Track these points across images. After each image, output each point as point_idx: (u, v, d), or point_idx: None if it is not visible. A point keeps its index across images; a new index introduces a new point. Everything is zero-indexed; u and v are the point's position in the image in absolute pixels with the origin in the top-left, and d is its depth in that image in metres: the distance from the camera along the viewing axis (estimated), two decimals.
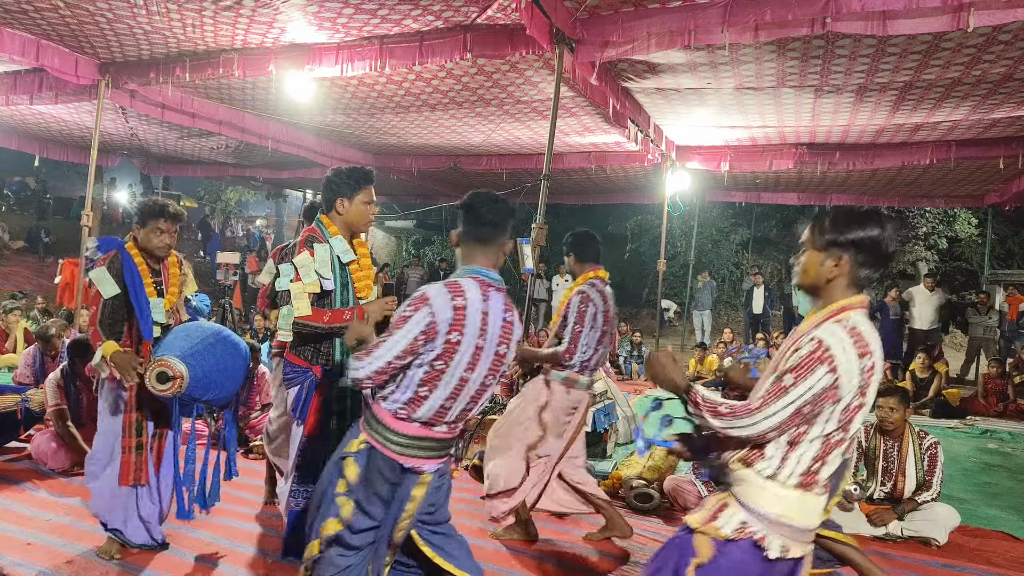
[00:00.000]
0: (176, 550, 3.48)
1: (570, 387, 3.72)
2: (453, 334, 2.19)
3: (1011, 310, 12.09)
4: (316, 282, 2.81)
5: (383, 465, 2.26)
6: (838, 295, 1.87)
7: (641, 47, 5.23)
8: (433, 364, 2.21)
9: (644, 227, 19.02)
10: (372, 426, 2.28)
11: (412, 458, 2.27)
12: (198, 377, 3.00)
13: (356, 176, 2.95)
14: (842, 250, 1.85)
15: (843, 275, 1.86)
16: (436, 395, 2.24)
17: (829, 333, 1.78)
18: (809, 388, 1.74)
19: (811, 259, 1.91)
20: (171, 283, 3.42)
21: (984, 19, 4.38)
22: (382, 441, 2.25)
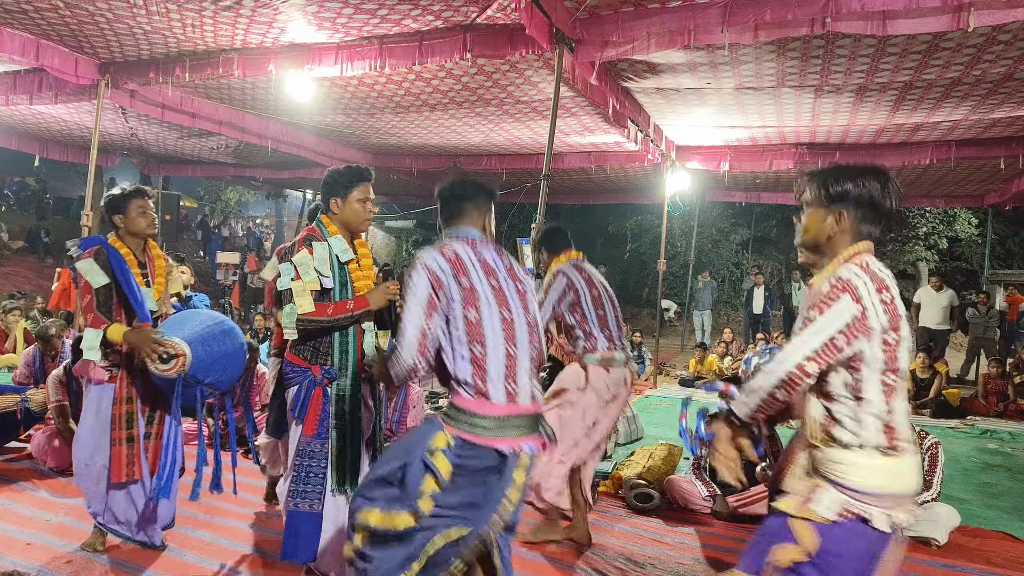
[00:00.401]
0: (176, 550, 3.48)
1: (608, 367, 3.70)
2: (462, 279, 2.21)
3: (1011, 310, 12.10)
4: (316, 280, 2.82)
5: (480, 454, 2.16)
6: (841, 249, 1.88)
7: (641, 47, 5.23)
8: (465, 315, 2.18)
9: (644, 227, 19.03)
10: (456, 418, 2.19)
11: (507, 439, 2.18)
12: (200, 358, 3.01)
13: (349, 175, 2.96)
14: (842, 205, 1.86)
15: (845, 231, 1.87)
16: (492, 346, 2.19)
17: (845, 270, 1.80)
18: (837, 315, 1.74)
19: (812, 216, 1.93)
20: (157, 273, 3.43)
21: (984, 19, 4.38)
22: (470, 430, 2.16)
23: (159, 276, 3.43)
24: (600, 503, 4.52)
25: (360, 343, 2.94)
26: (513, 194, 11.45)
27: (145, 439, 3.31)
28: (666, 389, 10.06)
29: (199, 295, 6.87)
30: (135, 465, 3.23)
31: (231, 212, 22.83)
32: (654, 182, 11.38)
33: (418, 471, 2.15)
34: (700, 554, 3.91)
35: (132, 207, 3.33)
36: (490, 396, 2.18)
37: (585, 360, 3.72)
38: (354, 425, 2.91)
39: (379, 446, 3.08)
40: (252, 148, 11.19)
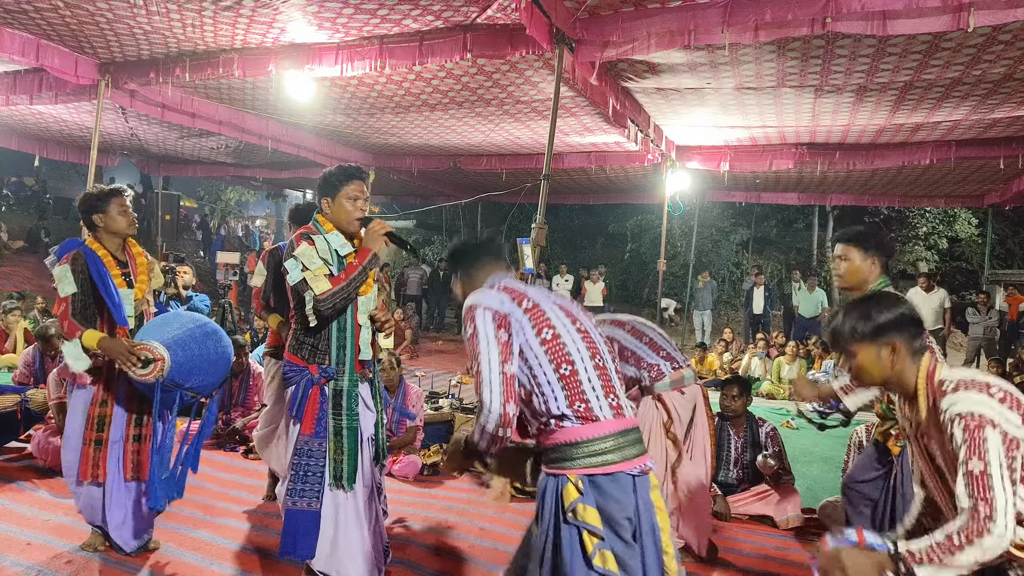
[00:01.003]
0: (176, 550, 3.48)
1: (681, 388, 3.52)
2: (524, 302, 2.07)
3: (1011, 310, 12.10)
4: (323, 266, 2.84)
5: (613, 486, 1.92)
6: (910, 370, 1.89)
7: (641, 47, 5.23)
8: (541, 337, 2.01)
9: (644, 227, 19.03)
10: (572, 457, 1.93)
11: (631, 460, 1.96)
12: (180, 362, 2.97)
13: (339, 173, 2.96)
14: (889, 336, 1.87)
15: (903, 356, 1.87)
16: (579, 360, 2.00)
17: (959, 403, 1.76)
18: (998, 454, 1.70)
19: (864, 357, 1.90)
20: (139, 273, 3.36)
21: (984, 19, 4.38)
22: (592, 463, 1.92)
23: (141, 274, 3.36)
24: None
25: (358, 340, 2.94)
26: (513, 194, 11.45)
27: (135, 441, 3.29)
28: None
29: (200, 295, 6.88)
30: (100, 468, 3.22)
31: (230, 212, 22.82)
32: (654, 182, 11.38)
33: (568, 541, 1.89)
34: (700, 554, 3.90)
35: (112, 206, 3.26)
36: (598, 415, 1.97)
37: (656, 390, 3.49)
38: (352, 423, 2.91)
39: (380, 445, 3.08)
40: (252, 148, 11.19)
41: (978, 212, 16.40)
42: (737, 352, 11.53)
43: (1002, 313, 12.06)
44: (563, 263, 15.90)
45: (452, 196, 14.71)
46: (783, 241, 20.81)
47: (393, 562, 3.29)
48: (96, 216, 3.26)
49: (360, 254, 2.88)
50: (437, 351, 13.00)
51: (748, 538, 4.24)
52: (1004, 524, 1.68)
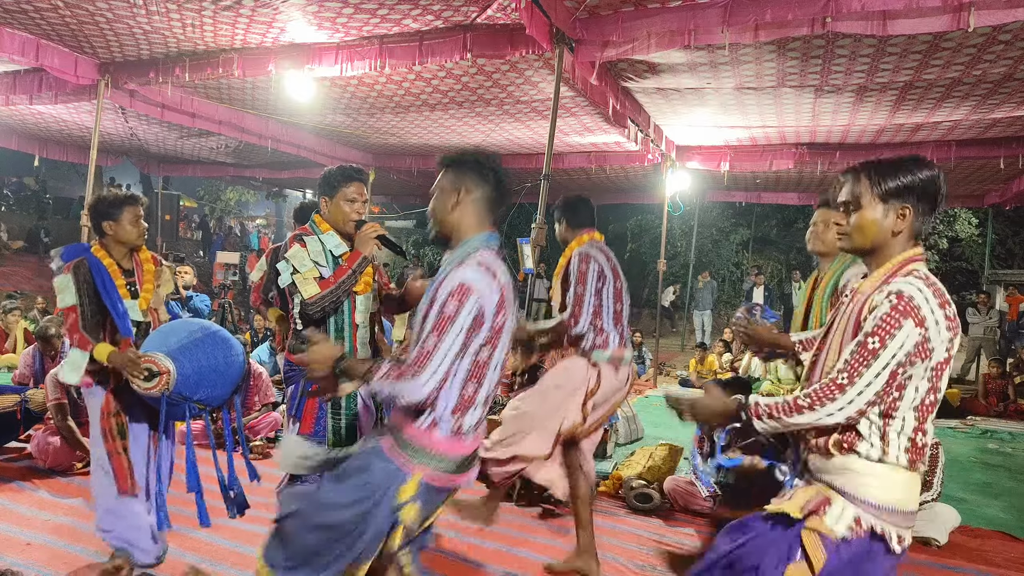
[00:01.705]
0: (177, 551, 3.48)
1: (618, 365, 3.47)
2: (500, 316, 1.99)
3: (1011, 310, 12.11)
4: (314, 268, 2.84)
5: (438, 495, 2.06)
6: (898, 249, 1.75)
7: (641, 47, 5.23)
8: (479, 353, 1.97)
9: (644, 227, 19.03)
10: (426, 461, 1.98)
11: (461, 475, 2.07)
12: (186, 374, 2.83)
13: (339, 174, 2.96)
14: (905, 199, 1.73)
15: (908, 226, 1.74)
16: (483, 390, 2.01)
17: (906, 284, 1.65)
18: (900, 346, 1.61)
19: (869, 215, 1.75)
20: (146, 280, 3.26)
21: (984, 19, 4.38)
22: (437, 471, 1.99)
23: (147, 283, 3.26)
24: (600, 503, 4.51)
25: (355, 340, 2.94)
26: (513, 194, 11.43)
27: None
28: (666, 389, 10.05)
29: (200, 295, 6.87)
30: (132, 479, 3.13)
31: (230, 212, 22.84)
32: (654, 182, 11.38)
33: (381, 528, 1.96)
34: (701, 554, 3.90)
35: (126, 215, 3.15)
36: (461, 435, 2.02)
37: (594, 357, 3.42)
38: (351, 423, 2.91)
39: None
40: (252, 148, 11.19)
41: (978, 212, 16.41)
42: (737, 352, 11.53)
43: (1002, 313, 12.07)
44: None
45: None
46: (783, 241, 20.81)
47: None
48: (107, 223, 3.15)
49: (351, 257, 2.87)
50: None
51: None
52: (849, 400, 1.62)
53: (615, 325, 3.46)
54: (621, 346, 3.49)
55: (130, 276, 3.22)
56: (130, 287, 3.19)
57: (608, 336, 3.43)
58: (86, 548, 3.47)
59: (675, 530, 4.20)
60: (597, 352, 3.42)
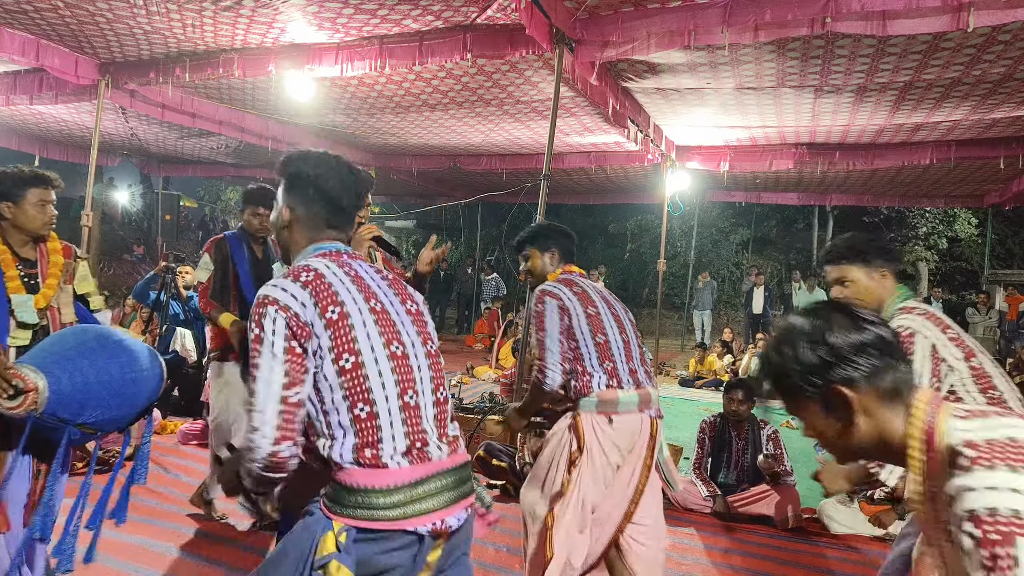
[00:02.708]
0: (172, 548, 3.48)
1: (611, 412, 2.70)
2: (330, 310, 1.58)
3: (1011, 310, 12.10)
4: None
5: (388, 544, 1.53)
6: (896, 426, 1.24)
7: (641, 47, 5.23)
8: (338, 361, 1.56)
9: (644, 227, 19.03)
10: (343, 503, 1.53)
11: (427, 515, 1.55)
12: (64, 391, 2.15)
13: None
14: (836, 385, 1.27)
15: (870, 407, 1.27)
16: (379, 395, 1.57)
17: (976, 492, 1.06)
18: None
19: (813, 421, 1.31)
20: (50, 273, 2.70)
21: (984, 19, 4.38)
22: (368, 514, 1.52)
23: (52, 278, 2.70)
24: None
25: None
26: (513, 194, 11.45)
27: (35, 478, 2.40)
28: (666, 389, 10.06)
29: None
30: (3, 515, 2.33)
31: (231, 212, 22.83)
32: (654, 182, 11.38)
33: None
34: (700, 554, 3.91)
35: (30, 197, 2.59)
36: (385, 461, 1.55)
37: (579, 407, 2.72)
38: None
39: None
40: (252, 148, 11.20)
41: (978, 212, 16.40)
42: (737, 352, 11.54)
43: (1002, 313, 12.07)
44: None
45: (452, 196, 14.72)
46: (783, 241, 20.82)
47: None
48: (4, 204, 2.58)
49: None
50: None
51: (748, 538, 4.24)
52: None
53: (601, 363, 2.76)
54: (614, 387, 2.73)
55: (30, 267, 2.67)
56: (27, 280, 2.63)
57: (591, 378, 2.73)
58: None
59: (675, 530, 4.19)
60: (581, 401, 2.73)
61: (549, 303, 2.80)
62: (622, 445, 2.71)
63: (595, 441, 2.68)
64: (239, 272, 3.65)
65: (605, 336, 2.81)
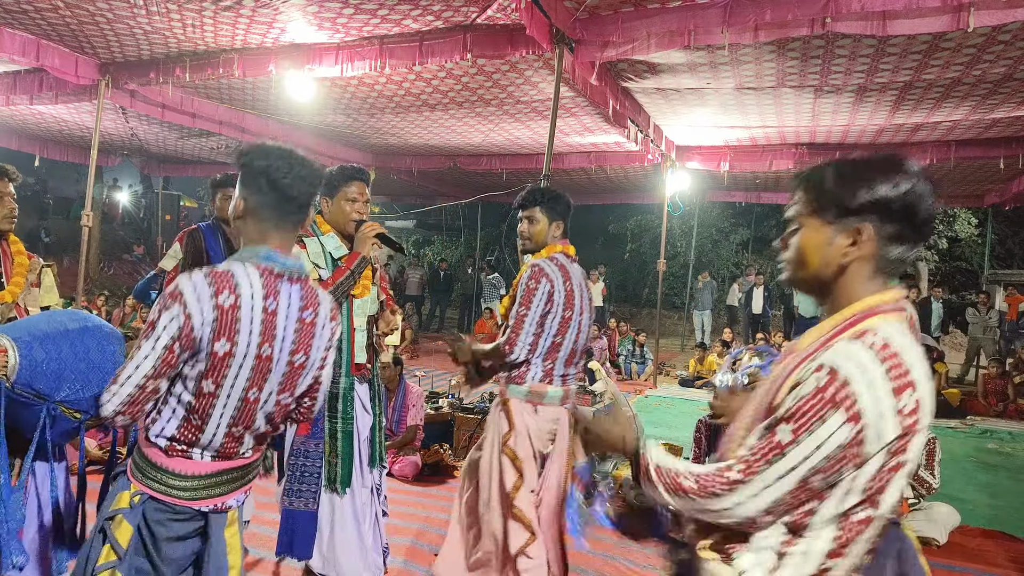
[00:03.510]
0: None
1: (537, 403, 2.89)
2: (220, 342, 1.63)
3: (1011, 310, 12.09)
4: (313, 271, 2.82)
5: (170, 516, 1.71)
6: (857, 290, 1.24)
7: (641, 47, 5.23)
8: (201, 384, 1.66)
9: (644, 227, 19.01)
10: (144, 471, 1.71)
11: (210, 499, 1.74)
12: (38, 359, 2.01)
13: (339, 174, 2.93)
14: (861, 218, 1.22)
15: (865, 257, 1.22)
16: (212, 424, 1.71)
17: (845, 357, 1.14)
18: (817, 447, 1.13)
19: (811, 238, 1.27)
20: (15, 272, 2.66)
21: (984, 19, 4.38)
22: (163, 489, 1.70)
23: (17, 275, 2.65)
24: None
25: (353, 343, 2.92)
26: (513, 194, 11.41)
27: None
28: (666, 389, 10.06)
29: None
30: None
31: None
32: (654, 182, 11.38)
33: (95, 542, 1.70)
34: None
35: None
36: (189, 456, 1.73)
37: (508, 392, 2.92)
38: (348, 427, 2.90)
39: (377, 447, 3.07)
40: None
41: (978, 212, 16.37)
42: None
43: (1002, 313, 12.06)
44: None
45: (452, 196, 14.71)
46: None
47: (393, 562, 3.29)
48: None
49: (349, 258, 2.84)
50: (437, 351, 12.99)
51: None
52: (735, 503, 1.18)
53: (544, 360, 2.89)
54: (546, 382, 2.89)
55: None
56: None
57: (531, 369, 2.89)
58: None
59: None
60: (512, 386, 2.91)
61: (543, 285, 2.88)
62: (545, 432, 2.91)
63: (523, 424, 2.87)
64: (213, 262, 3.59)
65: (562, 340, 2.94)
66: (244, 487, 1.84)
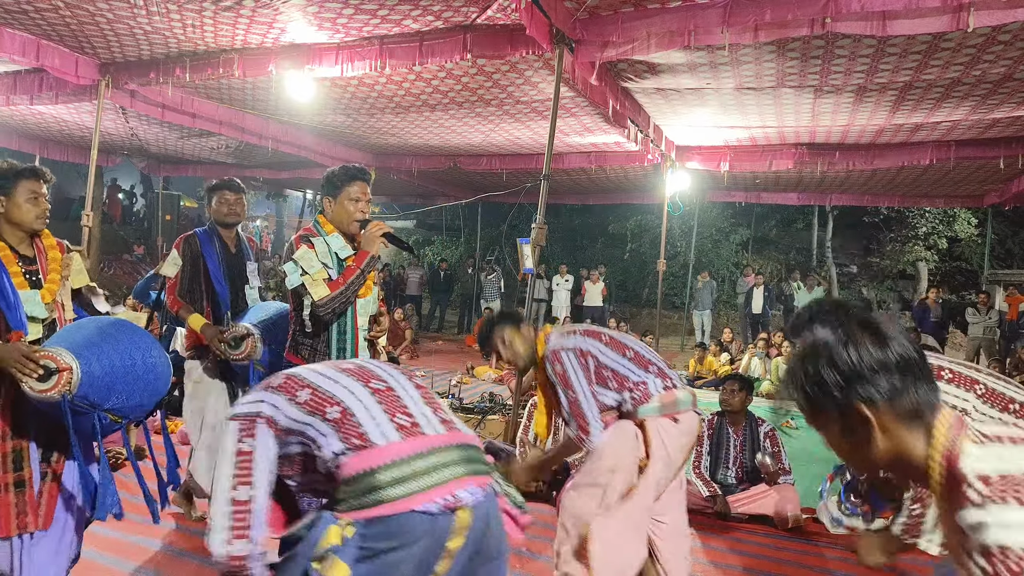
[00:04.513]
0: (173, 549, 3.49)
1: (675, 414, 2.75)
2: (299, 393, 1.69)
3: (1011, 310, 12.09)
4: (323, 269, 2.83)
5: (396, 529, 1.46)
6: (912, 442, 1.19)
7: (641, 47, 5.24)
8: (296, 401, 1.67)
9: (644, 227, 19.01)
10: (347, 497, 1.51)
11: (432, 489, 1.50)
12: (95, 374, 2.21)
13: (342, 174, 2.96)
14: (848, 403, 1.21)
15: (886, 424, 1.19)
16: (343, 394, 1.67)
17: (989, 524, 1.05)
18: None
19: (833, 436, 1.26)
20: (51, 268, 2.66)
21: (984, 19, 4.38)
22: (372, 502, 1.47)
23: (54, 272, 2.66)
24: None
25: (357, 342, 2.94)
26: (513, 194, 11.45)
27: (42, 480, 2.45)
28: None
29: None
30: (28, 514, 2.37)
31: None
32: (654, 182, 11.38)
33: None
34: (701, 554, 3.91)
35: (20, 190, 2.52)
36: (374, 441, 1.55)
37: (640, 415, 2.73)
38: None
39: None
40: (252, 148, 11.20)
41: (978, 212, 16.38)
42: (737, 352, 11.54)
43: (1002, 313, 12.05)
44: (563, 263, 15.90)
45: (452, 196, 14.72)
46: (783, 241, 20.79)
47: None
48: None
49: (358, 257, 2.87)
50: (437, 351, 13.01)
51: (748, 538, 4.24)
52: None
53: (644, 369, 2.80)
54: (669, 388, 2.78)
55: (30, 264, 2.62)
56: (30, 276, 2.59)
57: (646, 384, 2.76)
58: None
59: None
60: (641, 409, 2.74)
61: (566, 357, 2.78)
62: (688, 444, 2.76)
63: (662, 446, 2.68)
64: (209, 267, 3.61)
65: (629, 349, 2.86)
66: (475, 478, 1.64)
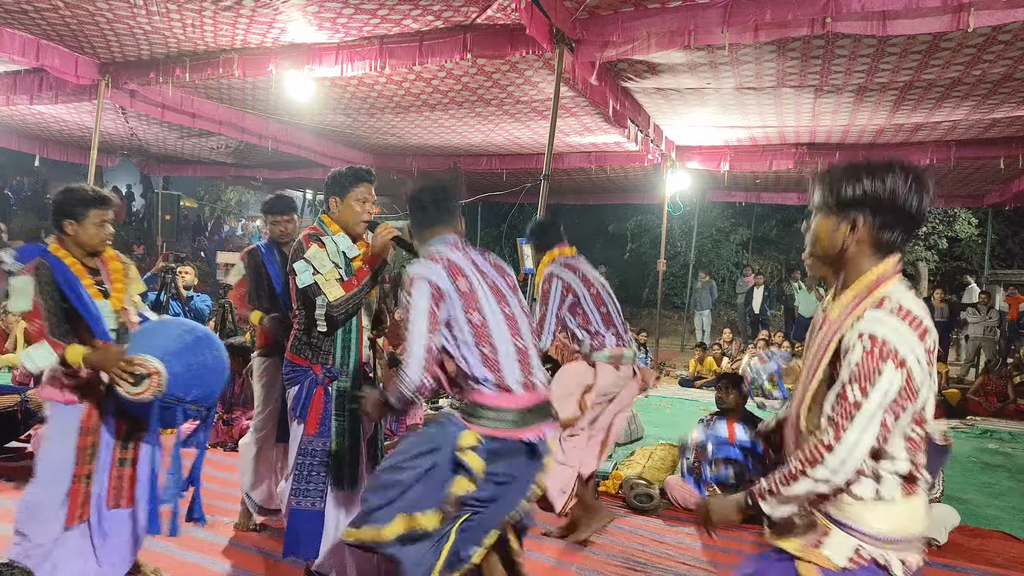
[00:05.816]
0: (177, 550, 3.48)
1: (617, 363, 3.72)
2: (460, 281, 2.28)
3: (1011, 310, 12.09)
4: (335, 269, 2.84)
5: (506, 448, 2.24)
6: (864, 263, 1.60)
7: (641, 47, 5.24)
8: (469, 318, 2.26)
9: (644, 227, 19.01)
10: (480, 416, 2.25)
11: (531, 428, 2.28)
12: (177, 373, 2.59)
13: (350, 175, 2.97)
14: (856, 210, 1.58)
15: (863, 240, 1.59)
16: (499, 340, 2.28)
17: (877, 323, 1.50)
18: (884, 394, 1.47)
19: (822, 224, 1.66)
20: (114, 279, 2.90)
21: (984, 19, 4.39)
22: (495, 425, 2.23)
23: (117, 283, 2.90)
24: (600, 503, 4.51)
25: (361, 343, 2.95)
26: (513, 194, 11.45)
27: (120, 466, 2.83)
28: (666, 389, 10.05)
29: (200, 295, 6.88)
30: (87, 505, 2.75)
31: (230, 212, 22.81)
32: (654, 182, 11.39)
33: (446, 471, 2.20)
34: (700, 554, 3.91)
35: (91, 217, 2.76)
36: (512, 390, 2.27)
37: (594, 358, 3.71)
38: (355, 424, 2.92)
39: (379, 446, 3.09)
40: (252, 148, 11.20)
41: (978, 212, 16.38)
42: (737, 353, 11.53)
43: (1002, 313, 12.05)
44: None
45: None
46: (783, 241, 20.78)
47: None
48: (68, 222, 2.77)
49: (370, 260, 2.88)
50: None
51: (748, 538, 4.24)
52: (840, 460, 1.49)
53: (607, 327, 3.72)
54: (619, 345, 3.74)
55: (96, 275, 2.86)
56: (99, 287, 2.83)
57: (603, 338, 3.71)
58: None
59: (675, 529, 4.20)
60: (596, 354, 3.72)
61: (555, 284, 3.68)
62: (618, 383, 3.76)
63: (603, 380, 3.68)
64: (271, 273, 3.81)
65: (607, 307, 3.75)
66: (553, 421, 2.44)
